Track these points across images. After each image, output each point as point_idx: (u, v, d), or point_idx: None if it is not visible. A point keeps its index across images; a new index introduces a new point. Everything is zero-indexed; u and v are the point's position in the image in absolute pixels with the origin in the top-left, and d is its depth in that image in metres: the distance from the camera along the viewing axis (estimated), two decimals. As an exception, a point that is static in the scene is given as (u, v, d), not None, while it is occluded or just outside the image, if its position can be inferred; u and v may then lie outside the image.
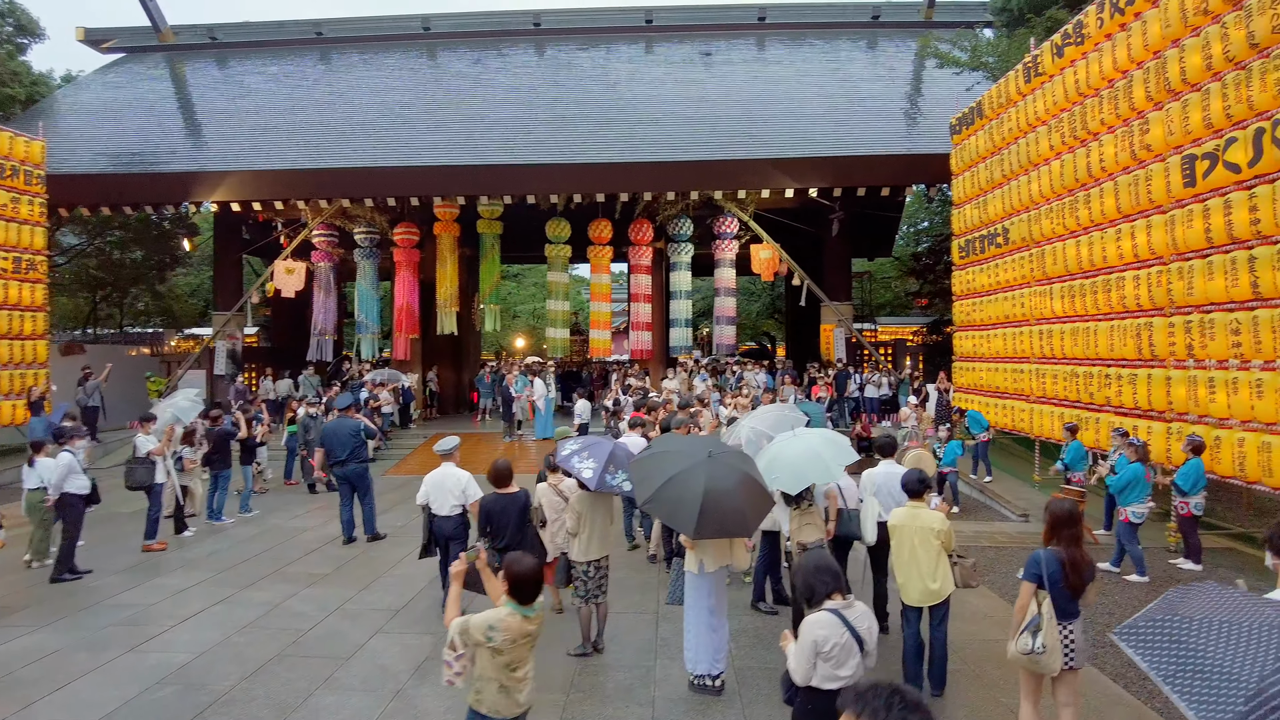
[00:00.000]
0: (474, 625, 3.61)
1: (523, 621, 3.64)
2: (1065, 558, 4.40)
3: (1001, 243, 14.54)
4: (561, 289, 22.42)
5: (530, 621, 3.68)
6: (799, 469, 6.10)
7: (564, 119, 21.01)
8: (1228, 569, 9.15)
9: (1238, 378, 8.64)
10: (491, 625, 3.59)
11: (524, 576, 3.65)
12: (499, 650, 3.58)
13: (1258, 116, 8.39)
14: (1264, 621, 2.40)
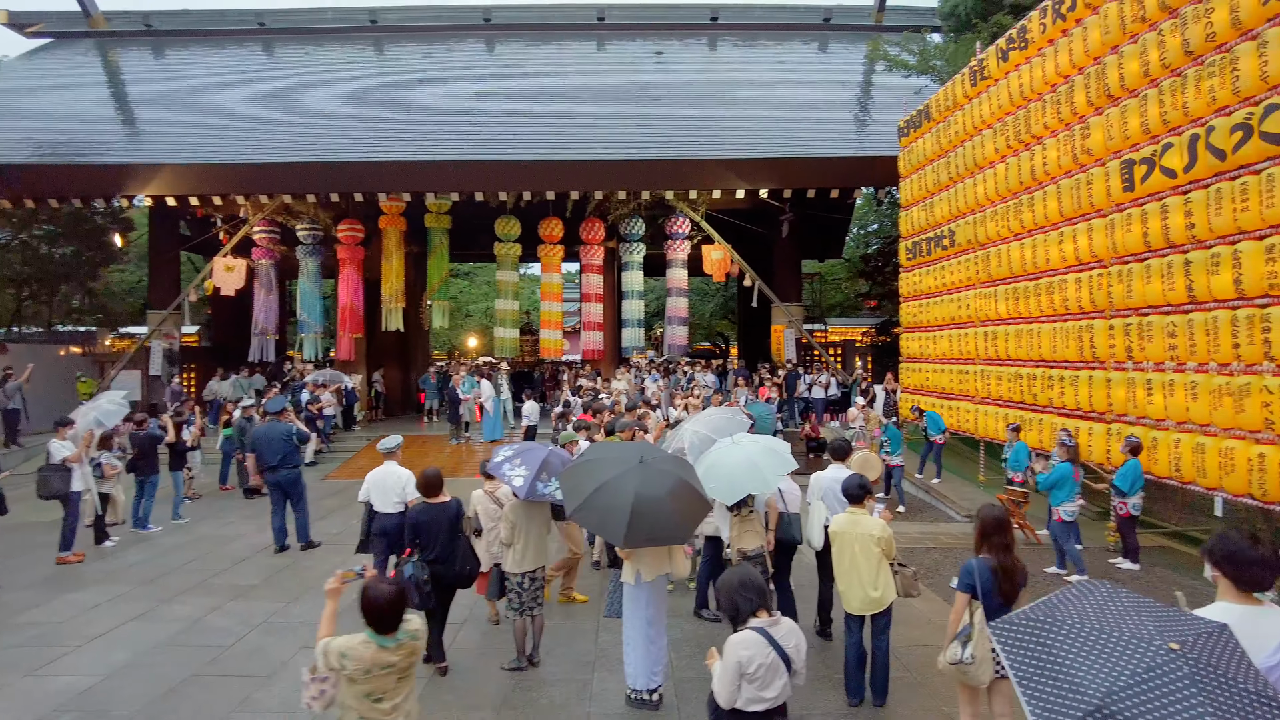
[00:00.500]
0: (332, 649, 3.38)
1: (378, 651, 3.38)
2: (997, 565, 4.30)
3: (948, 245, 14.65)
4: (511, 288, 22.09)
5: (389, 652, 3.40)
6: (735, 479, 5.95)
7: (514, 116, 20.67)
8: (1164, 567, 9.29)
9: (1174, 380, 8.74)
10: (343, 652, 3.36)
11: (375, 605, 3.39)
12: (353, 679, 3.35)
13: (1192, 123, 8.50)
14: (1135, 635, 2.30)
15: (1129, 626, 2.37)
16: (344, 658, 3.34)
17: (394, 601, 3.41)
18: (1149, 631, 2.33)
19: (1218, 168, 8.12)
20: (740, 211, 21.61)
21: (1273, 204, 7.40)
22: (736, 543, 6.14)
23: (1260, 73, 7.57)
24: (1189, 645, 2.27)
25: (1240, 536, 2.93)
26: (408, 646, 3.47)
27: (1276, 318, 7.34)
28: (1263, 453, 7.55)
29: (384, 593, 3.40)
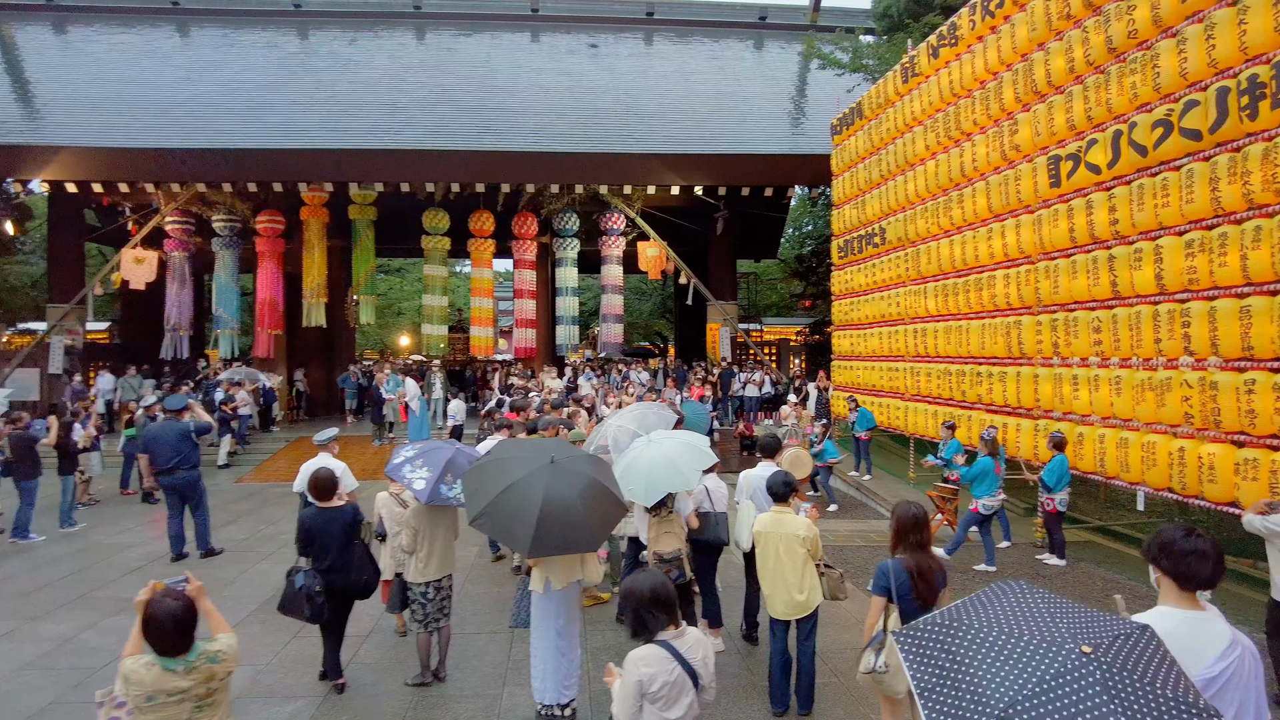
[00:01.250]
0: (124, 669, 2.94)
1: (163, 675, 2.92)
2: (913, 566, 4.05)
3: (879, 242, 14.64)
4: (440, 283, 21.40)
5: (177, 676, 2.94)
6: (653, 479, 5.62)
7: (443, 105, 20.04)
8: (1089, 562, 9.31)
9: (1099, 375, 8.76)
10: (125, 675, 2.92)
11: (155, 621, 2.95)
12: (139, 708, 2.91)
13: (1116, 119, 8.53)
14: (1046, 639, 2.06)
15: (1040, 629, 2.12)
16: (125, 680, 2.89)
17: (179, 617, 2.95)
18: (1061, 634, 2.08)
19: (1140, 164, 8.14)
20: (676, 209, 21.39)
21: (1192, 200, 7.42)
22: (654, 545, 5.81)
23: (1180, 69, 7.60)
24: (1103, 648, 2.02)
25: (1177, 528, 2.71)
26: (203, 670, 2.99)
27: (1196, 312, 7.36)
28: (1182, 446, 7.57)
29: (167, 608, 2.94)
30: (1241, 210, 7.00)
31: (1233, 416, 6.99)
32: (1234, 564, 8.73)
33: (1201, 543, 2.63)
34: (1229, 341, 7.01)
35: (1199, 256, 7.35)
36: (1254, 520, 5.66)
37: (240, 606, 7.68)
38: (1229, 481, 7.06)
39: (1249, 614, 7.29)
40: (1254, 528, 5.66)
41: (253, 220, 20.33)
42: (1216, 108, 7.16)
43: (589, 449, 7.18)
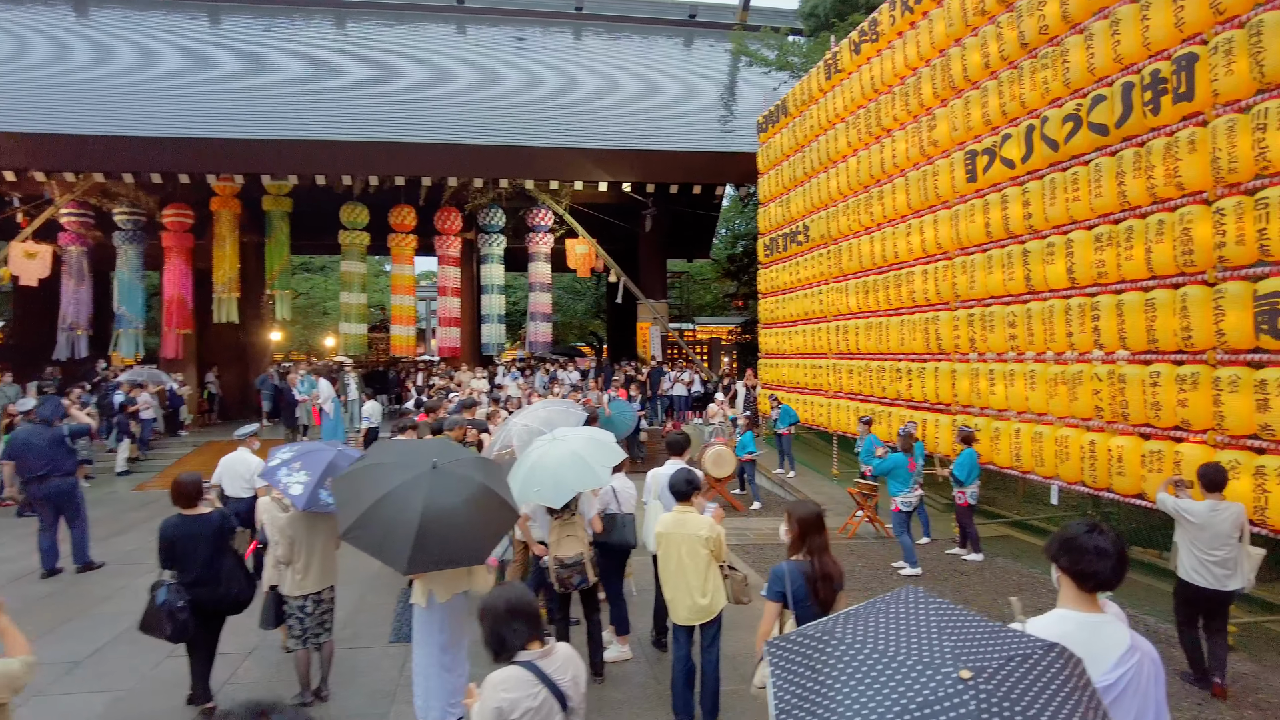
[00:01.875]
0: None
1: None
2: (812, 569, 3.81)
3: (803, 240, 14.60)
4: (358, 280, 20.64)
5: None
6: (560, 477, 5.30)
7: (361, 96, 19.32)
8: (1007, 557, 9.32)
9: (1014, 370, 8.78)
10: None
11: None
12: None
13: (1029, 114, 8.56)
14: (924, 660, 1.80)
15: (920, 649, 1.84)
16: None
17: None
18: (943, 655, 1.80)
19: (1052, 158, 8.17)
20: (605, 205, 21.05)
21: (1100, 194, 7.45)
22: (555, 549, 5.47)
23: (1088, 65, 7.63)
24: (987, 673, 1.75)
25: (1080, 524, 2.51)
26: None
27: (1105, 306, 7.38)
28: (1093, 440, 7.60)
29: None
30: (1146, 205, 7.04)
31: (1140, 409, 7.02)
32: (1142, 554, 8.85)
33: (1102, 539, 2.43)
34: (1135, 334, 7.05)
35: (1107, 250, 7.38)
36: (1165, 499, 5.66)
37: (111, 625, 7.05)
38: (1136, 473, 7.10)
39: (1158, 605, 7.35)
40: (1165, 506, 5.67)
41: (158, 214, 19.23)
42: (1122, 103, 7.20)
43: (492, 450, 6.81)
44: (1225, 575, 5.41)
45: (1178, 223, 6.59)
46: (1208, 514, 5.39)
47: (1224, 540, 5.37)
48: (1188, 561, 5.52)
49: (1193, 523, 5.44)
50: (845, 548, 9.75)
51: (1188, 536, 5.51)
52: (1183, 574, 5.56)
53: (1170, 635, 6.59)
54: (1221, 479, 5.46)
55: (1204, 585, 5.43)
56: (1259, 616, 6.90)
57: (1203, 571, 5.43)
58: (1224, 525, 5.38)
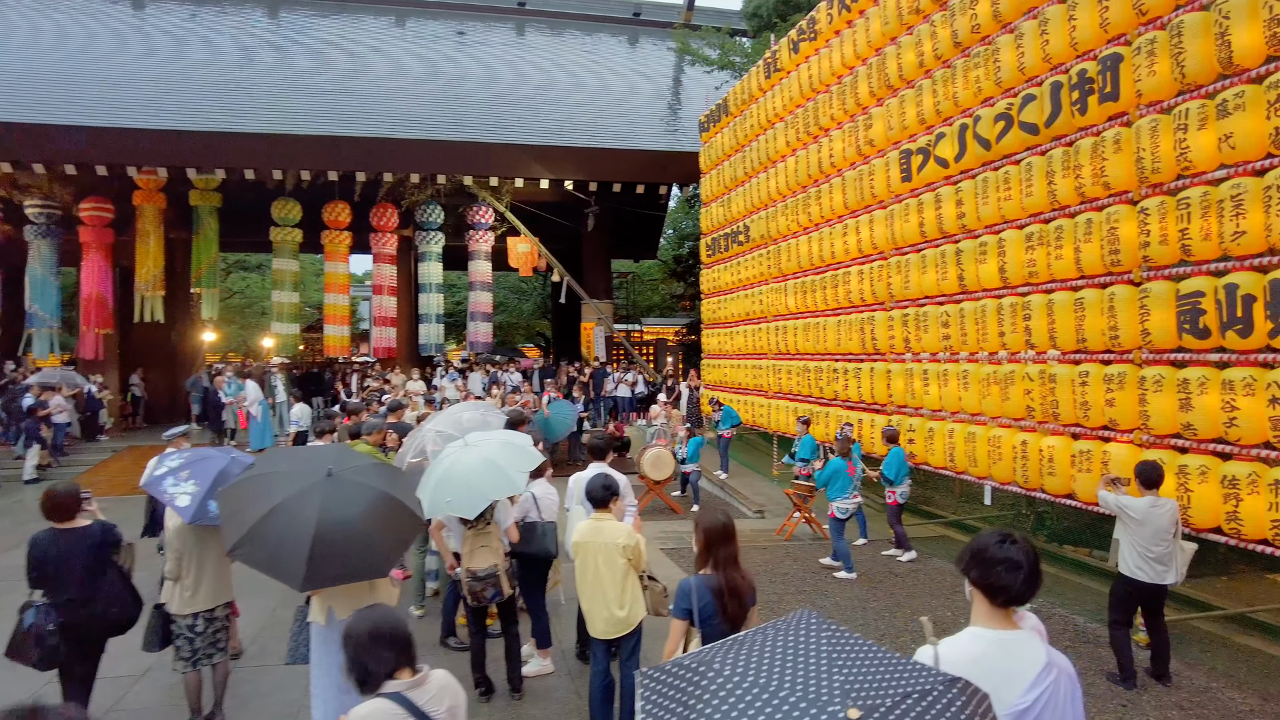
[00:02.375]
0: None
1: None
2: (720, 584, 3.58)
3: (743, 240, 14.50)
4: (290, 278, 19.96)
5: None
6: (475, 486, 5.00)
7: (292, 88, 18.65)
8: (941, 558, 9.28)
9: (948, 370, 8.75)
10: None
11: None
12: None
13: (962, 113, 8.54)
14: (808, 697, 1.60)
15: (807, 683, 1.63)
16: None
17: None
18: (831, 691, 1.60)
19: (985, 157, 8.15)
20: (548, 204, 20.72)
21: (1031, 193, 7.43)
22: (467, 561, 5.17)
23: (1019, 64, 7.62)
24: (879, 714, 1.55)
25: (992, 533, 2.33)
26: None
27: (1036, 305, 7.37)
28: (1025, 440, 7.58)
29: None
30: (1074, 204, 7.04)
31: (1070, 409, 7.02)
32: (1074, 553, 8.92)
33: (1014, 550, 2.25)
34: (1065, 334, 7.04)
35: (1038, 250, 7.37)
36: (1106, 497, 5.68)
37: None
38: (1067, 473, 7.09)
39: (1088, 604, 7.37)
40: (1106, 504, 5.69)
41: (75, 207, 18.29)
42: (1051, 102, 7.19)
43: (404, 457, 6.48)
44: (1163, 570, 5.43)
45: (1104, 222, 6.59)
46: (1148, 510, 5.40)
47: (1163, 536, 5.40)
48: (1130, 558, 5.51)
49: (1134, 518, 5.43)
50: (781, 550, 9.63)
51: (1129, 533, 5.50)
52: (1125, 570, 5.54)
53: (1099, 635, 6.59)
54: (1158, 476, 5.46)
55: (1145, 580, 5.44)
56: (1183, 614, 6.95)
57: (1144, 567, 5.43)
58: (1163, 521, 5.40)
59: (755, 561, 9.08)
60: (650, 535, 10.38)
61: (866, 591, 7.84)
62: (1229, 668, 6.01)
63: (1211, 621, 6.95)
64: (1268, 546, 5.48)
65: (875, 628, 6.84)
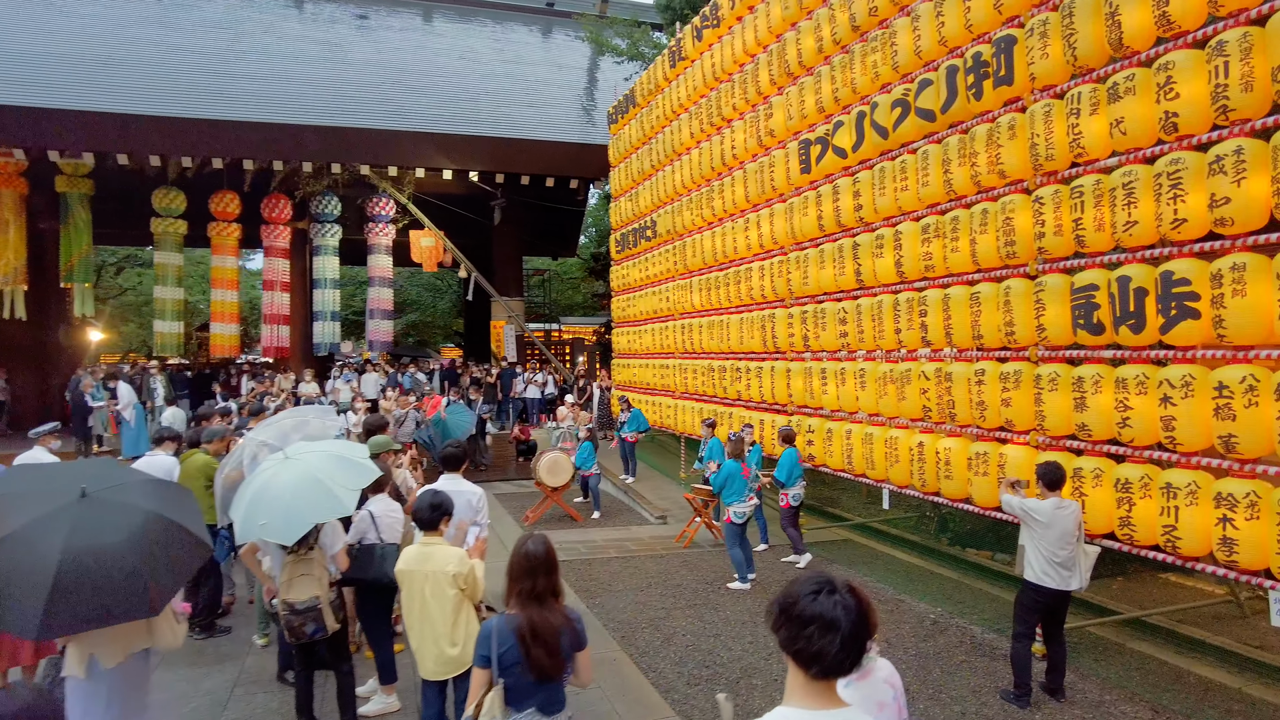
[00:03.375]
0: None
1: None
2: (524, 625, 2.98)
3: (650, 235, 14.00)
4: (173, 273, 18.58)
5: None
6: (294, 508, 4.28)
7: (171, 67, 17.31)
8: (843, 564, 8.95)
9: (845, 369, 8.39)
10: None
11: None
12: None
13: (861, 100, 8.18)
14: None
15: None
16: None
17: None
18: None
19: (882, 146, 7.81)
20: (456, 197, 19.81)
21: (928, 183, 7.11)
22: (285, 591, 4.46)
23: (915, 48, 7.28)
24: None
25: (807, 580, 1.78)
26: None
27: (932, 301, 7.04)
28: (921, 441, 7.25)
29: None
30: (971, 194, 6.73)
31: (966, 409, 6.70)
32: (976, 557, 8.69)
33: (830, 604, 1.70)
34: (961, 330, 6.72)
35: (934, 242, 7.04)
36: (1010, 500, 5.36)
37: None
38: (963, 476, 6.77)
39: (986, 612, 7.08)
40: (1011, 508, 5.37)
41: (-84, 193, 16.60)
42: (947, 87, 6.87)
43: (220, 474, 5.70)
44: (1068, 575, 5.16)
45: (1000, 213, 6.28)
46: (1053, 512, 5.09)
47: (1068, 539, 5.12)
48: (1037, 564, 5.19)
49: (1040, 521, 5.11)
50: (678, 559, 9.14)
51: (1035, 537, 5.18)
52: (1032, 577, 5.21)
53: (995, 647, 6.29)
54: (1060, 476, 5.16)
55: (1052, 587, 5.14)
56: (1079, 619, 6.72)
57: (1051, 572, 5.13)
58: (1068, 523, 5.12)
59: (649, 572, 8.57)
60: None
61: (759, 604, 7.39)
62: (1122, 678, 5.76)
63: (1106, 627, 6.74)
64: (1159, 552, 5.21)
65: (765, 645, 6.38)
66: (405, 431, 13.62)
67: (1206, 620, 6.83)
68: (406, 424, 13.65)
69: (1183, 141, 4.97)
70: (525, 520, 10.95)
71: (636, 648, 6.38)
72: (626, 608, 7.35)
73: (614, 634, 6.68)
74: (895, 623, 6.86)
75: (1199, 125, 4.88)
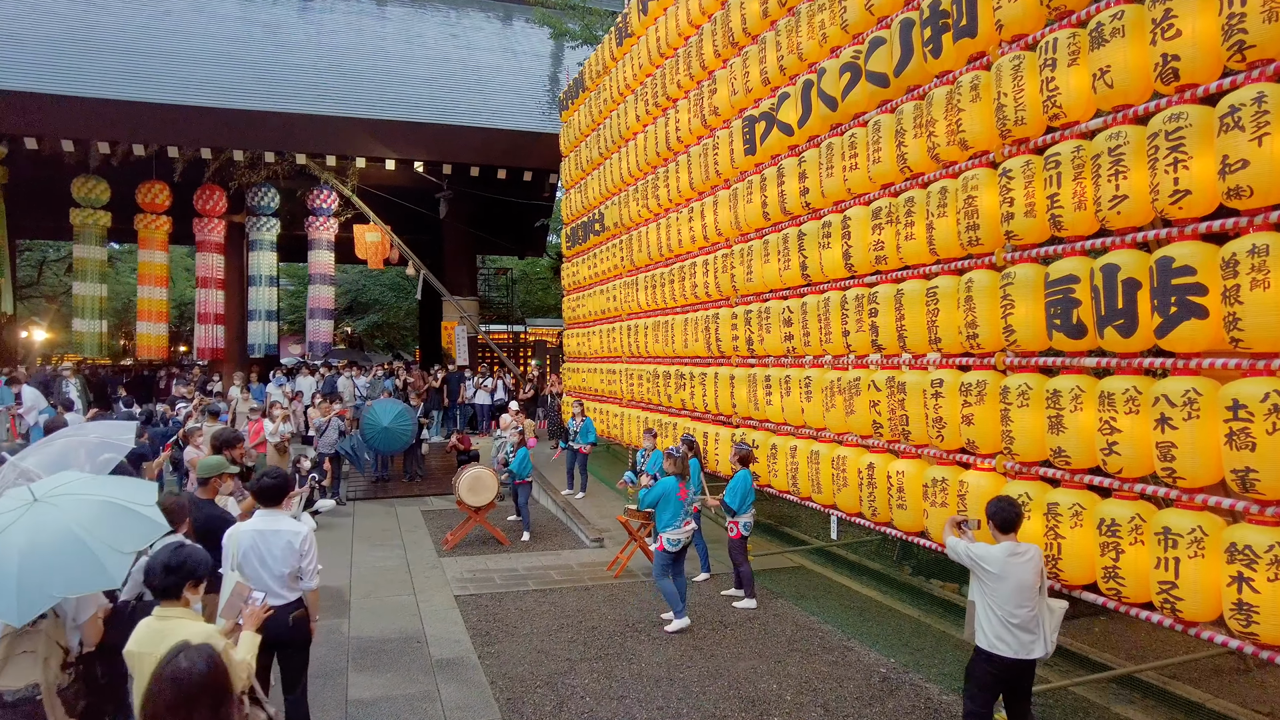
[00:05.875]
0: None
1: None
2: None
3: (599, 230, 12.91)
4: (96, 267, 17.32)
5: None
6: (25, 574, 3.11)
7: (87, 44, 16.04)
8: (789, 599, 7.80)
9: (790, 376, 7.31)
10: None
11: None
12: None
13: (809, 69, 7.12)
14: None
15: None
16: None
17: None
18: None
19: (831, 119, 6.74)
20: (405, 189, 18.60)
21: (879, 159, 6.04)
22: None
23: (865, 3, 6.22)
24: None
25: None
26: None
27: (884, 298, 5.97)
28: (872, 463, 6.18)
29: None
30: (929, 171, 5.67)
31: (921, 426, 5.63)
32: (942, 590, 7.63)
33: None
34: (916, 333, 5.65)
35: (886, 229, 5.98)
36: (955, 545, 4.26)
37: None
38: (919, 507, 5.70)
39: (949, 662, 5.99)
40: (956, 554, 4.27)
41: None
42: (901, 44, 5.80)
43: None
44: (1029, 640, 4.03)
45: (961, 190, 5.23)
46: (1006, 561, 4.00)
47: (1027, 594, 4.00)
48: (989, 627, 4.08)
49: (990, 572, 4.03)
50: (604, 591, 8.01)
51: (985, 591, 4.09)
52: (983, 643, 4.11)
53: (955, 711, 5.23)
54: (1014, 516, 4.08)
55: (1009, 656, 4.01)
56: (1061, 677, 5.65)
57: (1007, 638, 4.01)
58: (1026, 574, 4.01)
59: (566, 609, 7.44)
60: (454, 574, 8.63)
61: (682, 653, 6.27)
62: (1106, 757, 4.70)
63: (1086, 686, 5.68)
64: (1153, 612, 4.16)
65: (677, 711, 5.27)
66: (327, 441, 12.49)
67: (1205, 675, 5.79)
68: (328, 433, 12.52)
69: (1185, 93, 3.93)
70: (444, 544, 9.80)
71: (523, 716, 5.26)
72: (526, 658, 6.23)
73: (499, 697, 5.55)
74: (837, 679, 5.77)
75: (1206, 71, 3.84)
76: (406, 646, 6.57)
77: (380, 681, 5.87)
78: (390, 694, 5.65)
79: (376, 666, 6.15)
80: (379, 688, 5.75)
